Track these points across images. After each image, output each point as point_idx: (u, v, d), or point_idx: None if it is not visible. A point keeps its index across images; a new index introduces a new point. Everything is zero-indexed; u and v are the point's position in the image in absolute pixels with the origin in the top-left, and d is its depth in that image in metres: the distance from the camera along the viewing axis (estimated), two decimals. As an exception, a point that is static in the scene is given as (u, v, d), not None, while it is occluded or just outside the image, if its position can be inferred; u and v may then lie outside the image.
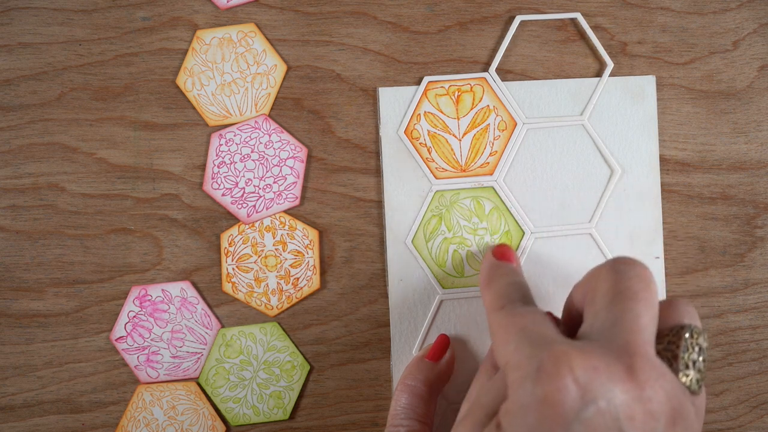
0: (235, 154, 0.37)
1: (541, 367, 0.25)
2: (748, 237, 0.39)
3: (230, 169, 0.37)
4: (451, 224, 0.38)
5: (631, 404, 0.24)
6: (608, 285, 0.27)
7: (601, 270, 0.28)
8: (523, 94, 0.38)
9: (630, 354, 0.24)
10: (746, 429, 0.39)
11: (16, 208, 0.37)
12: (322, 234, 0.38)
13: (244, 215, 0.37)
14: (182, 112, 0.37)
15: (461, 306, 0.37)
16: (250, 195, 0.37)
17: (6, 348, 0.37)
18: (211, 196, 0.37)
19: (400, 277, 0.38)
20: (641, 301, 0.26)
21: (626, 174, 0.38)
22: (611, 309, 0.26)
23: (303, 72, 0.38)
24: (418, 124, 0.37)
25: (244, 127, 0.37)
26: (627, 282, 0.27)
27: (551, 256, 0.38)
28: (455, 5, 0.38)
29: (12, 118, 0.37)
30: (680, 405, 0.25)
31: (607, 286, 0.27)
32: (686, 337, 0.26)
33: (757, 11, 0.39)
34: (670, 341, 0.26)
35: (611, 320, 0.26)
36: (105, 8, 0.37)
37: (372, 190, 0.38)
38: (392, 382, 0.38)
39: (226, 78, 0.37)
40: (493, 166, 0.38)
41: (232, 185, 0.37)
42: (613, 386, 0.24)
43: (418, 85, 0.38)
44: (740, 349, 0.39)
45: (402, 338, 0.38)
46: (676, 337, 0.26)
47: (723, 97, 0.39)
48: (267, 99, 0.37)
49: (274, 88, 0.37)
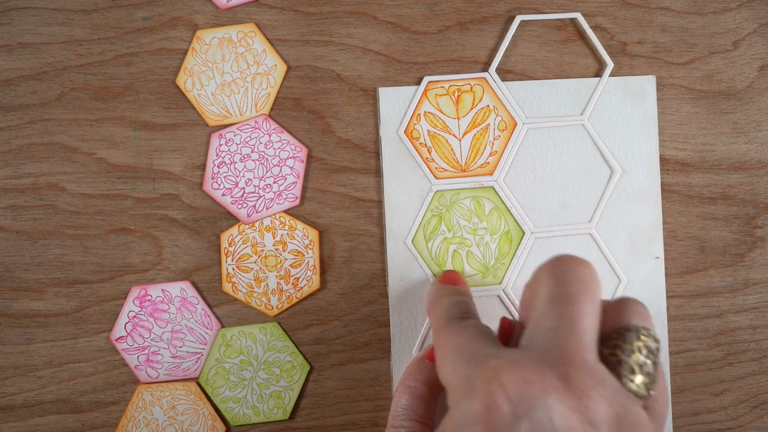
0: (235, 154, 0.37)
1: (472, 387, 0.24)
2: (748, 237, 0.39)
3: (230, 169, 0.37)
4: (451, 224, 0.38)
5: (567, 415, 0.23)
6: (546, 289, 0.26)
7: (541, 273, 0.27)
8: (523, 94, 0.38)
9: (565, 362, 0.23)
10: (746, 429, 0.39)
11: (16, 208, 0.37)
12: (322, 234, 0.38)
13: (244, 215, 0.37)
14: (182, 112, 0.37)
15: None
16: (250, 195, 0.37)
17: (6, 348, 0.37)
18: (211, 196, 0.37)
19: (400, 277, 0.38)
20: (579, 304, 0.25)
21: (626, 174, 0.38)
22: (549, 315, 0.25)
23: (303, 72, 0.38)
24: (418, 124, 0.37)
25: (244, 127, 0.37)
26: (564, 285, 0.26)
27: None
28: (455, 5, 0.38)
29: (12, 118, 0.37)
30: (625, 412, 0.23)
31: (545, 291, 0.26)
32: (632, 339, 0.25)
33: (757, 11, 0.39)
34: (616, 344, 0.25)
35: (548, 327, 0.25)
36: (105, 8, 0.37)
37: (372, 190, 0.38)
38: (392, 382, 0.38)
39: (226, 78, 0.37)
40: (493, 166, 0.38)
41: (232, 185, 0.37)
42: (547, 398, 0.23)
43: (418, 85, 0.38)
44: (740, 349, 0.39)
45: (402, 338, 0.38)
46: (621, 339, 0.25)
47: (723, 97, 0.39)
48: (267, 99, 0.37)
49: (274, 88, 0.37)
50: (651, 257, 0.38)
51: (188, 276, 0.37)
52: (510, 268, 0.38)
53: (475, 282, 0.38)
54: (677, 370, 0.39)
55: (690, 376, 0.39)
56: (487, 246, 0.38)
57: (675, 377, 0.39)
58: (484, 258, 0.38)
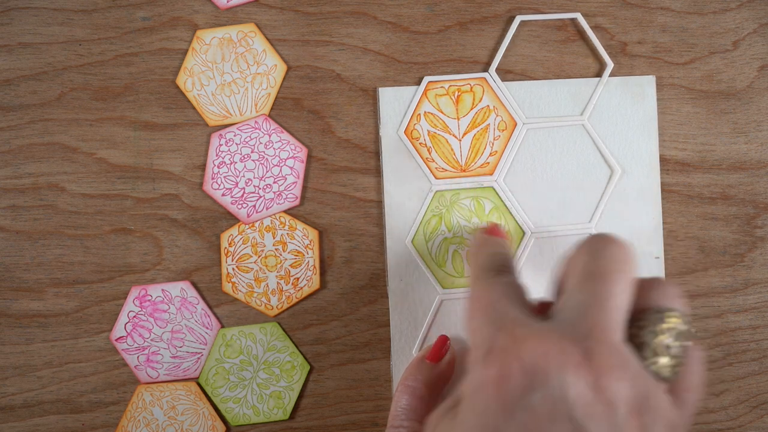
0: (235, 154, 0.37)
1: (491, 350, 0.24)
2: (748, 237, 0.39)
3: (230, 169, 0.37)
4: (451, 224, 0.38)
5: (584, 391, 0.22)
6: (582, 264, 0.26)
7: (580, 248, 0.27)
8: (523, 94, 0.38)
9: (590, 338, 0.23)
10: (746, 429, 0.39)
11: (16, 208, 0.37)
12: (322, 234, 0.38)
13: (244, 215, 0.37)
14: (182, 112, 0.37)
15: (461, 306, 0.37)
16: (250, 195, 0.37)
17: (6, 348, 0.37)
18: (211, 196, 0.37)
19: (400, 277, 0.38)
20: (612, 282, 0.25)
21: (626, 174, 0.38)
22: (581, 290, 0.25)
23: (303, 72, 0.38)
24: (418, 124, 0.37)
25: (244, 127, 0.37)
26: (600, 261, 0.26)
27: (551, 256, 0.38)
28: (455, 5, 0.38)
29: (12, 118, 0.37)
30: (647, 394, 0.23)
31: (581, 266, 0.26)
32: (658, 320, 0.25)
33: (757, 11, 0.39)
34: (642, 325, 0.25)
35: (580, 302, 0.25)
36: (105, 8, 0.37)
37: (372, 190, 0.38)
38: (392, 382, 0.38)
39: (226, 78, 0.37)
40: (493, 166, 0.38)
41: (232, 185, 0.37)
42: (564, 372, 0.22)
43: (418, 85, 0.38)
44: (740, 349, 0.39)
45: (402, 338, 0.38)
46: (648, 321, 0.25)
47: (723, 97, 0.39)
48: (267, 99, 0.37)
49: (274, 88, 0.37)
50: (651, 257, 0.38)
51: (188, 276, 0.37)
52: None
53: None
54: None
55: (690, 376, 0.39)
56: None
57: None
58: None
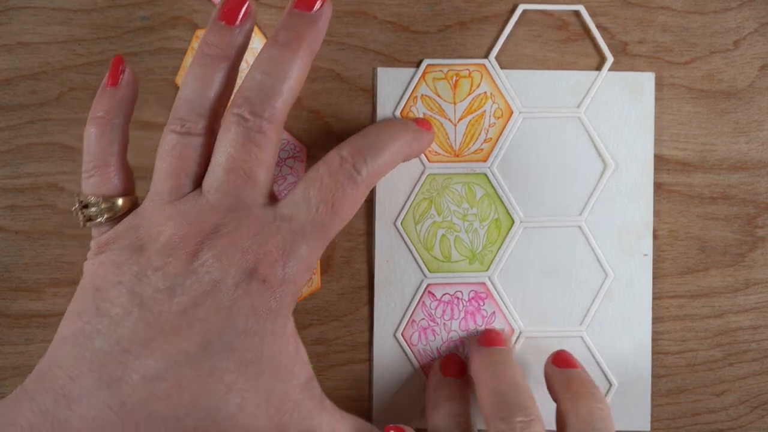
0: (234, 154, 0.37)
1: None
2: (749, 237, 0.39)
3: (230, 169, 0.37)
4: (441, 208, 0.38)
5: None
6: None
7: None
8: (521, 83, 0.38)
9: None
10: (747, 429, 0.39)
11: (16, 208, 0.37)
12: (322, 234, 0.38)
13: (244, 215, 0.37)
14: (182, 111, 0.37)
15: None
16: (250, 195, 0.37)
17: (5, 348, 0.37)
18: (211, 196, 0.37)
19: (387, 258, 0.38)
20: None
21: (619, 169, 0.38)
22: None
23: (303, 72, 0.38)
24: (414, 107, 0.37)
25: (244, 127, 0.37)
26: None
27: (540, 247, 0.38)
28: (455, 5, 0.38)
29: (11, 118, 0.37)
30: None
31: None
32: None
33: (758, 10, 0.38)
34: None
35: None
36: (105, 8, 0.37)
37: (371, 189, 0.38)
38: (371, 362, 0.38)
39: (226, 78, 0.37)
40: (486, 152, 0.38)
41: (231, 185, 0.37)
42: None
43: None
44: (741, 350, 0.39)
45: (385, 320, 0.38)
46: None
47: (724, 97, 0.39)
48: (267, 99, 0.37)
49: (273, 87, 0.37)
50: (639, 254, 0.38)
51: (188, 276, 0.37)
52: (497, 256, 0.38)
53: (462, 268, 0.38)
54: (678, 371, 0.39)
55: (691, 376, 0.39)
56: (476, 232, 0.38)
57: (676, 377, 0.39)
58: (472, 244, 0.38)
